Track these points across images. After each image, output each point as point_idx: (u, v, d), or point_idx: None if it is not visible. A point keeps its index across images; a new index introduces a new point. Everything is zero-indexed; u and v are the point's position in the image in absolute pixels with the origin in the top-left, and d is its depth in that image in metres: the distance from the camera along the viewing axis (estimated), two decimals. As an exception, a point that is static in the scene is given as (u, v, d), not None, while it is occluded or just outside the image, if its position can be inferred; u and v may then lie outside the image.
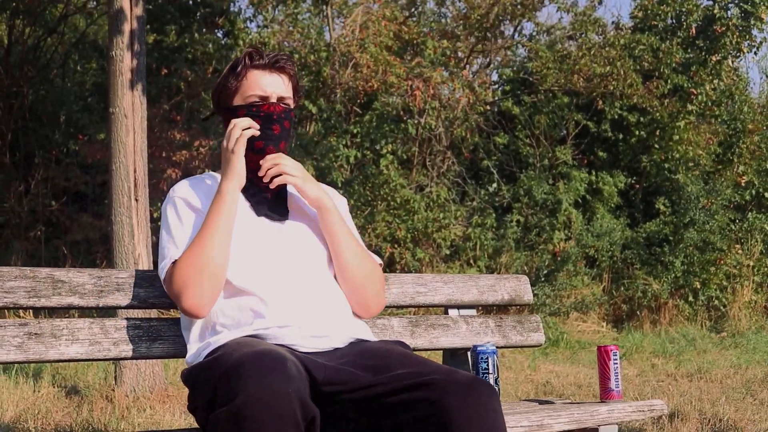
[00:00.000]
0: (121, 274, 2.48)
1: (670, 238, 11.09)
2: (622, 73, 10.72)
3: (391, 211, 10.32)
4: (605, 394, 2.66)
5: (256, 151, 2.31)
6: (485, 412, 1.92)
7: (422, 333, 2.85)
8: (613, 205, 12.14)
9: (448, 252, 10.59)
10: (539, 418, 2.34)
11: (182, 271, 2.19)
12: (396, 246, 10.10)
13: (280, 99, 2.35)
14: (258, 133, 2.28)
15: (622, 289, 10.81)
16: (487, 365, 2.45)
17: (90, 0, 11.46)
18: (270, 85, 2.33)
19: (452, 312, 2.99)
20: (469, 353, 2.67)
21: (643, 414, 2.56)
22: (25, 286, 2.34)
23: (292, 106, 2.39)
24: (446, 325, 2.91)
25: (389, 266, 10.14)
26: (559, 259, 10.47)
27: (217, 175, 2.40)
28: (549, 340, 9.23)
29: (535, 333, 3.07)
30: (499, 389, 2.47)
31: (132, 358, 2.42)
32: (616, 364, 2.65)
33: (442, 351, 3.01)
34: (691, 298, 10.80)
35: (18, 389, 5.09)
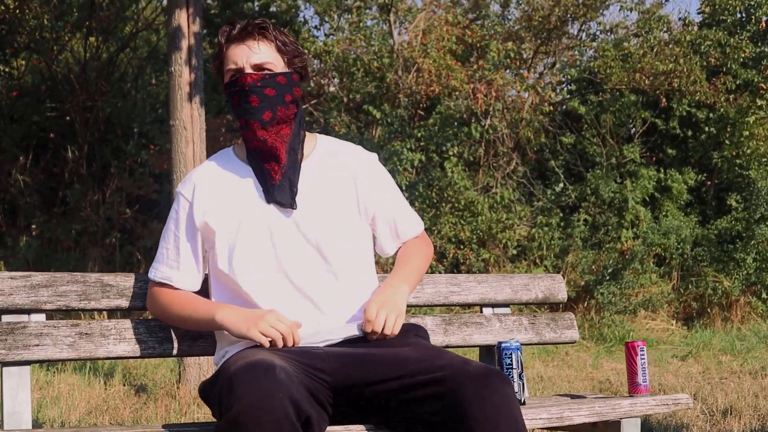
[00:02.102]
0: (165, 277, 2.65)
1: (743, 234, 10.90)
2: (685, 70, 10.58)
3: (456, 213, 10.42)
4: (633, 389, 2.71)
5: (243, 127, 2.30)
6: (499, 400, 1.98)
7: (455, 331, 2.95)
8: (683, 202, 11.99)
9: (515, 252, 10.63)
10: (560, 411, 2.42)
11: (155, 304, 2.46)
12: (461, 247, 10.18)
13: (257, 66, 2.28)
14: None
15: (692, 286, 10.67)
16: (511, 361, 2.53)
17: (158, 16, 11.83)
18: (240, 56, 2.27)
19: (486, 311, 3.08)
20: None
21: (667, 408, 2.60)
22: (77, 290, 2.53)
23: (278, 70, 2.30)
24: (479, 323, 3.00)
25: (455, 267, 10.23)
26: (627, 257, 10.39)
27: (234, 156, 2.41)
28: (615, 338, 9.19)
29: (569, 330, 3.14)
30: (523, 385, 2.55)
31: (175, 355, 2.59)
32: (643, 359, 2.70)
33: (478, 348, 3.10)
34: (764, 295, 10.61)
35: (90, 387, 5.35)
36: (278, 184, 2.30)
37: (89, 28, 11.23)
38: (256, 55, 2.28)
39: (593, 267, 10.47)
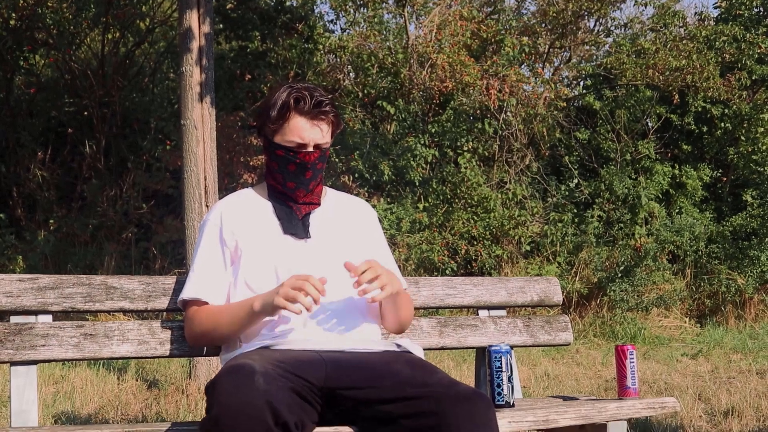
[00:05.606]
0: (167, 280, 2.74)
1: (758, 231, 10.85)
2: (699, 66, 10.56)
3: (469, 209, 10.45)
4: (622, 392, 2.76)
5: (287, 188, 2.55)
6: (483, 423, 2.10)
7: (450, 333, 3.01)
8: (698, 198, 11.96)
9: (528, 248, 10.66)
10: (546, 414, 2.48)
11: (194, 323, 2.51)
12: (473, 243, 10.22)
13: (317, 146, 2.52)
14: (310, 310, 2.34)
15: (706, 284, 10.65)
16: (501, 364, 2.59)
17: (174, 11, 11.94)
18: (309, 135, 2.49)
19: (482, 313, 3.14)
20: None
21: (654, 411, 2.66)
22: (82, 292, 2.61)
23: (327, 146, 2.56)
24: (474, 325, 3.06)
25: (468, 264, 10.27)
26: (640, 254, 10.39)
27: (255, 194, 2.63)
28: (627, 335, 9.22)
29: (563, 332, 3.20)
30: (513, 387, 2.61)
31: (176, 356, 2.67)
32: (633, 362, 2.75)
33: (475, 350, 3.16)
34: (779, 293, 10.58)
35: (103, 382, 5.46)
36: (299, 220, 2.56)
37: (106, 24, 11.34)
38: (322, 137, 2.52)
39: (606, 264, 10.47)
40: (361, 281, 2.33)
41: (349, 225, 2.62)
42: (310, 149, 2.50)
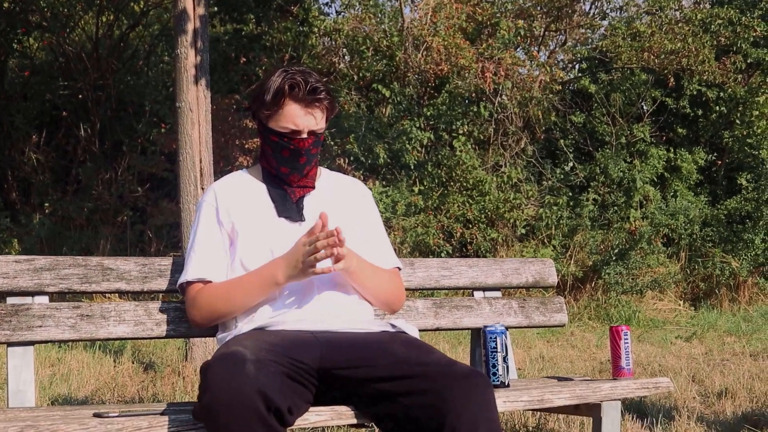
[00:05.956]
0: (163, 261, 2.74)
1: (752, 214, 10.89)
2: (694, 49, 10.55)
3: (464, 192, 10.47)
4: (617, 372, 2.78)
5: (281, 173, 2.55)
6: (481, 401, 2.10)
7: (446, 314, 3.03)
8: (692, 182, 11.99)
9: (523, 231, 10.68)
10: (541, 393, 2.49)
11: (203, 303, 2.47)
12: (468, 227, 10.24)
13: (311, 132, 2.51)
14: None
15: (700, 267, 10.69)
16: (496, 344, 2.61)
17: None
18: (303, 122, 2.48)
19: (477, 294, 3.15)
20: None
21: (648, 391, 2.68)
22: (78, 273, 2.62)
23: (321, 132, 2.55)
24: (469, 306, 3.08)
25: (463, 247, 10.30)
26: (635, 237, 10.43)
27: (250, 176, 2.63)
28: (621, 318, 9.26)
29: (558, 314, 3.21)
30: (508, 367, 2.63)
31: (173, 336, 2.69)
32: (627, 343, 2.77)
33: (470, 331, 3.17)
34: (772, 276, 10.63)
35: (100, 364, 5.48)
36: (294, 204, 2.56)
37: (100, 6, 11.29)
38: (316, 123, 2.52)
39: (601, 247, 10.50)
40: (320, 238, 2.33)
41: (343, 207, 2.62)
42: (304, 135, 2.50)
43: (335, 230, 2.31)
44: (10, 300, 2.55)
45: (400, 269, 2.71)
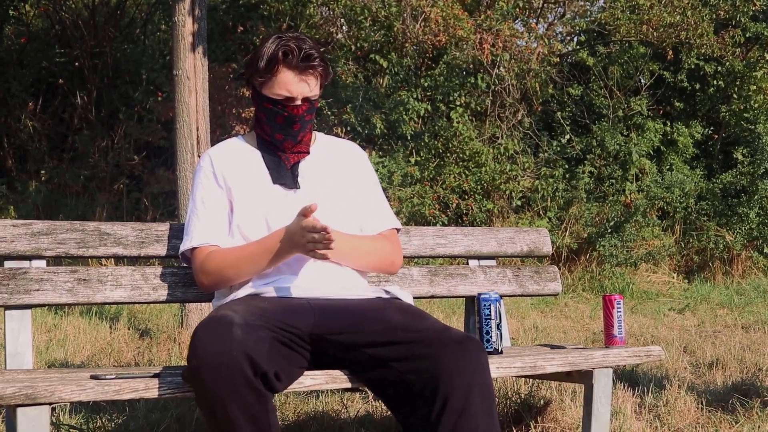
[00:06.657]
0: (160, 227, 2.76)
1: (747, 189, 10.92)
2: (693, 22, 10.52)
3: (461, 163, 10.47)
4: (609, 340, 2.81)
5: (275, 140, 2.55)
6: (474, 365, 2.13)
7: (441, 282, 3.05)
8: (688, 155, 12.01)
9: (519, 203, 10.70)
10: (533, 360, 2.52)
11: (211, 268, 2.45)
12: (464, 198, 10.26)
13: (306, 99, 2.51)
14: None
15: (694, 240, 10.74)
16: (490, 312, 2.64)
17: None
18: (297, 89, 2.48)
19: (472, 263, 3.18)
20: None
21: (639, 359, 2.71)
22: (75, 238, 2.64)
23: (315, 98, 2.55)
24: (464, 275, 3.10)
25: (459, 218, 10.32)
26: (631, 210, 10.46)
27: (244, 143, 2.63)
28: (615, 290, 9.31)
29: (552, 282, 3.24)
30: (501, 335, 2.66)
31: (169, 301, 2.71)
32: (620, 312, 2.79)
33: (464, 299, 3.20)
34: (766, 250, 10.67)
35: (95, 330, 5.52)
36: (288, 170, 2.55)
37: (97, -27, 11.24)
38: (310, 90, 2.51)
39: (596, 219, 10.54)
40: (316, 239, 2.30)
41: (338, 171, 2.63)
42: (298, 102, 2.50)
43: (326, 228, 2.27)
44: (8, 264, 2.57)
45: (399, 230, 2.72)
